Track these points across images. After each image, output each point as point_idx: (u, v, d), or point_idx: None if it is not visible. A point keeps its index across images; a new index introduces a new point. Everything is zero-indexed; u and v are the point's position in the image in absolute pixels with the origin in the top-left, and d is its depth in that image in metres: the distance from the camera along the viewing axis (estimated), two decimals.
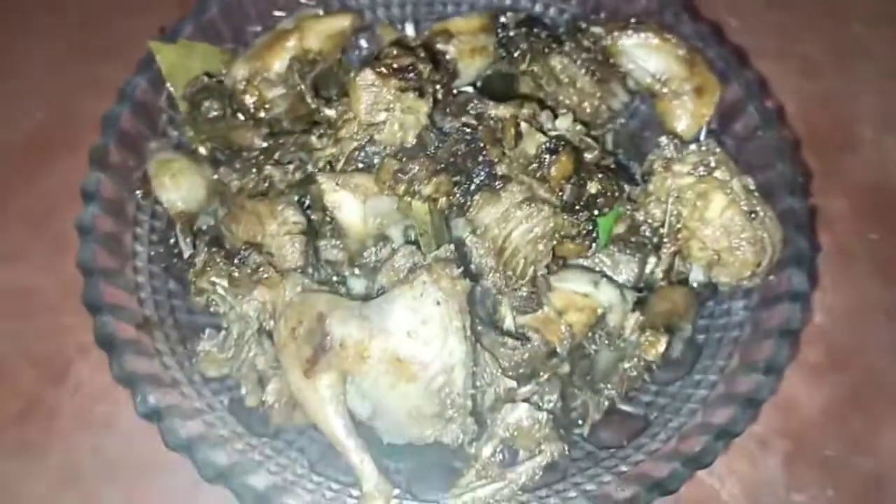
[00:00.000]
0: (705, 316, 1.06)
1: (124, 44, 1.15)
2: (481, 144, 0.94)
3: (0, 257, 1.23)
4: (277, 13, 1.15)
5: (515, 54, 1.09)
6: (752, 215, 0.98)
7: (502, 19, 1.10)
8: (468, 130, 0.94)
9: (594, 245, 0.97)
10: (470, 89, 1.10)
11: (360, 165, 0.96)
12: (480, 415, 0.91)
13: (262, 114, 1.06)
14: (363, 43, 1.21)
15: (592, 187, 0.95)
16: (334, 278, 1.00)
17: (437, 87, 0.99)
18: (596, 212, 0.96)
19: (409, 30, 1.21)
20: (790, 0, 1.47)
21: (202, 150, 1.07)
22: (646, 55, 1.11)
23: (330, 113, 0.99)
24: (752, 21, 1.42)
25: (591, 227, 0.96)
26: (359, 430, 0.89)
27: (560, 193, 0.95)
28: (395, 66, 0.95)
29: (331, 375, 0.89)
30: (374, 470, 0.89)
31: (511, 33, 1.08)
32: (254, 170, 1.00)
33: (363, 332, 0.86)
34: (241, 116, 1.07)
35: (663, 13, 1.15)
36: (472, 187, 0.93)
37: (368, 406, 0.90)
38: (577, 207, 0.95)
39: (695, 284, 1.05)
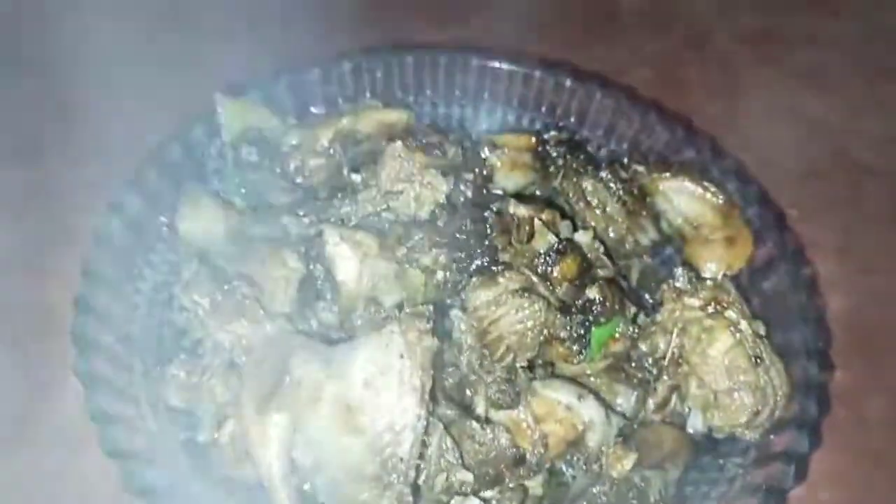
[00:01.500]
0: (696, 468, 0.98)
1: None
2: (489, 230, 0.94)
3: None
4: (342, 100, 1.22)
5: (550, 168, 1.11)
6: (757, 361, 0.92)
7: (546, 136, 1.13)
8: (479, 213, 0.94)
9: (584, 353, 0.93)
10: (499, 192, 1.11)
11: (370, 229, 0.97)
12: (419, 490, 0.85)
13: (299, 179, 1.10)
14: None
15: (592, 293, 0.93)
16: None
17: (467, 177, 1.02)
18: (591, 318, 0.93)
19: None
20: (855, 199, 1.45)
21: (237, 200, 1.11)
22: (682, 199, 1.11)
23: (356, 178, 1.02)
24: (814, 214, 1.40)
25: (582, 333, 0.93)
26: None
27: (557, 292, 0.93)
28: (424, 141, 0.99)
29: (282, 416, 0.86)
30: None
31: (550, 149, 1.11)
32: (271, 219, 1.03)
33: (321, 374, 0.84)
34: (281, 180, 1.11)
35: (711, 169, 1.15)
36: (471, 267, 0.93)
37: (311, 457, 0.86)
38: (573, 309, 0.93)
39: (691, 431, 0.98)
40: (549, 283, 0.93)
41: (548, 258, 0.94)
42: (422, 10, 1.70)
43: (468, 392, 0.92)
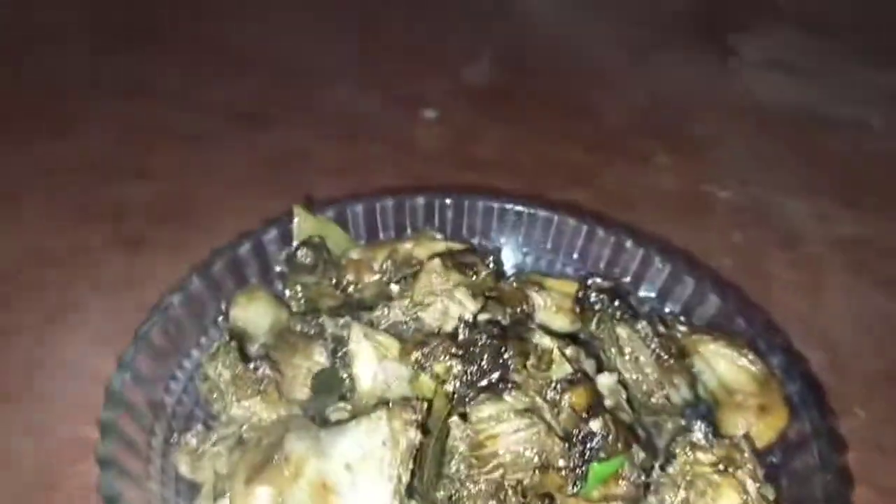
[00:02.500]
0: None
1: None
2: (505, 349, 0.96)
3: None
4: (409, 231, 1.30)
5: (587, 312, 1.12)
6: None
7: (589, 281, 1.15)
8: (497, 331, 0.97)
9: (579, 484, 0.91)
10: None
11: (394, 334, 1.02)
12: None
13: (350, 289, 1.17)
14: None
15: (595, 425, 0.91)
16: None
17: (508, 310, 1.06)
18: (590, 451, 0.91)
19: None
20: None
21: (293, 305, 1.19)
22: (721, 363, 1.09)
23: (394, 289, 1.08)
24: (883, 418, 1.33)
25: (580, 465, 0.91)
26: None
27: (562, 419, 0.92)
28: (460, 261, 1.04)
29: (266, 490, 0.88)
30: None
31: (591, 293, 1.13)
32: (312, 318, 1.09)
33: (308, 452, 0.86)
34: (334, 289, 1.18)
35: (758, 342, 1.14)
36: (481, 381, 0.94)
37: None
38: (574, 439, 0.91)
39: None
40: (555, 410, 0.93)
41: (559, 385, 0.94)
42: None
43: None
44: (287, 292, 1.19)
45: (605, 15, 2.52)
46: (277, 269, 1.23)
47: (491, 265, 1.08)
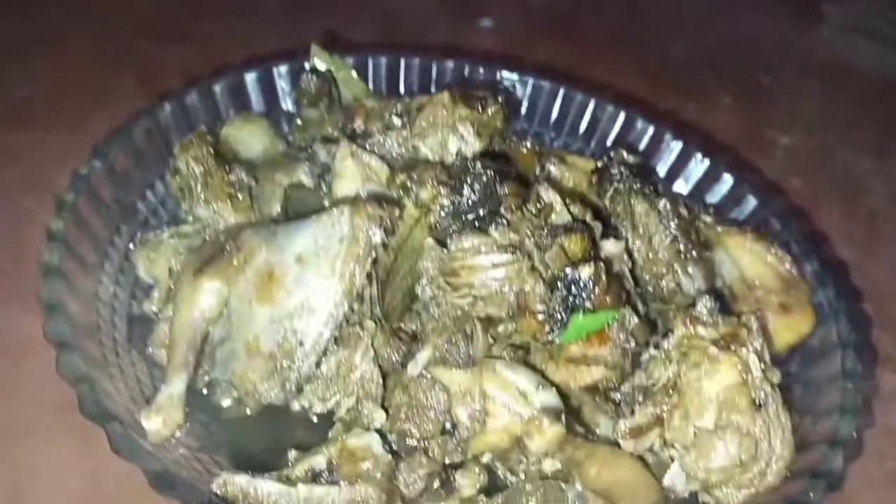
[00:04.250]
0: None
1: None
2: (500, 187, 0.86)
3: None
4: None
5: (604, 183, 1.01)
6: (759, 405, 0.75)
7: (612, 152, 1.03)
8: (496, 169, 0.87)
9: (555, 332, 0.81)
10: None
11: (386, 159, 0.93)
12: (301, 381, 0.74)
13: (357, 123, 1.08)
14: None
15: (584, 272, 0.81)
16: None
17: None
18: (574, 299, 0.80)
19: None
20: None
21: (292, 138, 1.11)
22: (746, 257, 0.98)
23: (396, 121, 0.99)
24: None
25: (562, 311, 0.80)
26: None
27: (549, 262, 0.82)
28: (470, 94, 0.94)
29: (212, 282, 0.80)
30: (179, 393, 0.76)
31: (612, 166, 1.01)
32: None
33: (262, 242, 0.78)
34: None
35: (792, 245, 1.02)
36: (468, 214, 0.85)
37: (224, 331, 0.79)
38: (559, 284, 0.81)
39: (667, 484, 0.81)
40: (544, 254, 0.83)
41: (554, 229, 0.84)
42: None
43: (418, 338, 0.82)
44: (290, 130, 1.12)
45: None
46: (285, 108, 1.15)
47: (502, 103, 0.98)
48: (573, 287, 0.80)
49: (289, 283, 0.74)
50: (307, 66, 1.12)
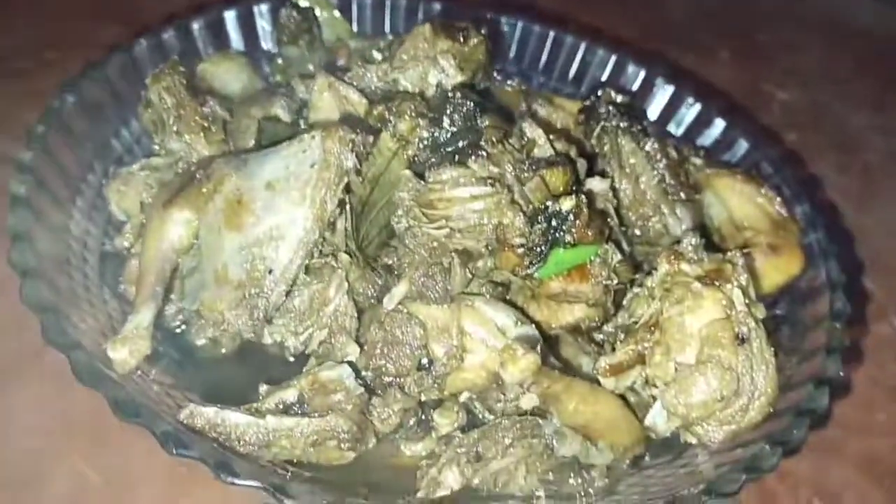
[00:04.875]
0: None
1: None
2: (481, 119, 0.83)
3: None
4: None
5: (591, 122, 0.98)
6: (742, 342, 0.73)
7: (600, 91, 1.00)
8: (476, 101, 0.84)
9: (535, 266, 0.78)
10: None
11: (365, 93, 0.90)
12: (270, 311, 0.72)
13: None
14: None
15: (566, 204, 0.78)
16: None
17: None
18: (555, 232, 0.78)
19: None
20: None
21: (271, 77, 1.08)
22: (736, 198, 0.95)
23: (375, 54, 0.96)
24: None
25: (540, 245, 0.78)
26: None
27: (530, 195, 0.80)
28: (450, 25, 0.92)
29: (182, 213, 0.78)
30: (147, 323, 0.74)
31: (599, 105, 0.98)
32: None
33: (232, 170, 0.76)
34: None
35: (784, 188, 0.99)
36: (447, 144, 0.82)
37: (194, 261, 0.76)
38: (540, 218, 0.78)
39: (648, 424, 0.79)
40: (524, 188, 0.80)
41: (536, 162, 0.81)
42: None
43: (394, 272, 0.80)
44: (271, 70, 1.09)
45: None
46: (266, 47, 1.12)
47: (485, 35, 0.95)
48: (554, 219, 0.78)
49: (258, 210, 0.72)
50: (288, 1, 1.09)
